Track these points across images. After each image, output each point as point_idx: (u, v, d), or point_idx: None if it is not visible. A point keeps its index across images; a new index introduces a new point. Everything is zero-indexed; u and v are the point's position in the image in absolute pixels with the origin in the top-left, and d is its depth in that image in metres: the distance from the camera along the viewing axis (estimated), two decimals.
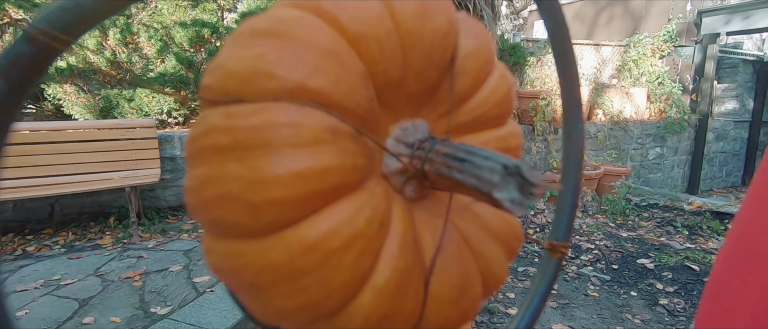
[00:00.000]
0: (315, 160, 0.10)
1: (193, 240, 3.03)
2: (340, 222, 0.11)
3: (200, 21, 4.02)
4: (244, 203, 0.11)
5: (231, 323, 1.94)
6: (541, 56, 5.56)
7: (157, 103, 3.74)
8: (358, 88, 0.11)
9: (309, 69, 0.11)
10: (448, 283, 0.13)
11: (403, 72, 0.11)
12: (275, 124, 0.11)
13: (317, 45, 0.11)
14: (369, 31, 0.12)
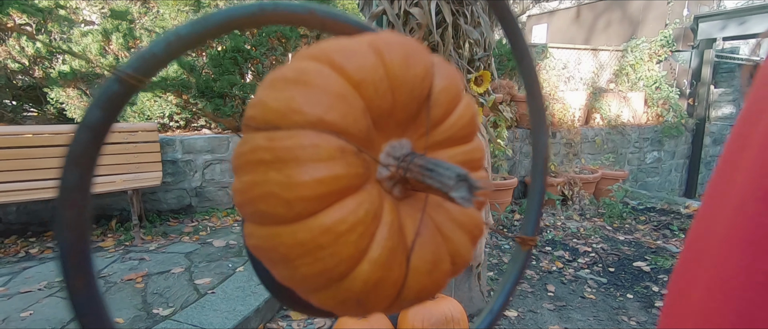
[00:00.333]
0: (329, 170, 0.14)
1: (194, 242, 3.06)
2: (347, 213, 0.15)
3: None
4: (281, 199, 0.15)
5: (232, 324, 1.97)
6: (539, 61, 5.62)
7: (158, 106, 3.78)
8: (359, 118, 0.15)
9: (325, 107, 0.15)
10: (423, 259, 0.17)
11: (392, 105, 0.15)
12: (302, 146, 0.15)
13: (330, 89, 0.15)
14: (367, 77, 0.16)
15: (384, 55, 0.17)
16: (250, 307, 2.11)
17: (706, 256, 0.30)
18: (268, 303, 2.23)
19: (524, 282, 2.91)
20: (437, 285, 0.18)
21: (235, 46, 3.92)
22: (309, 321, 2.28)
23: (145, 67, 0.24)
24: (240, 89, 3.97)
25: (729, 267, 0.28)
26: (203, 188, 3.75)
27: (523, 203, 4.59)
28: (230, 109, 3.92)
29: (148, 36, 3.95)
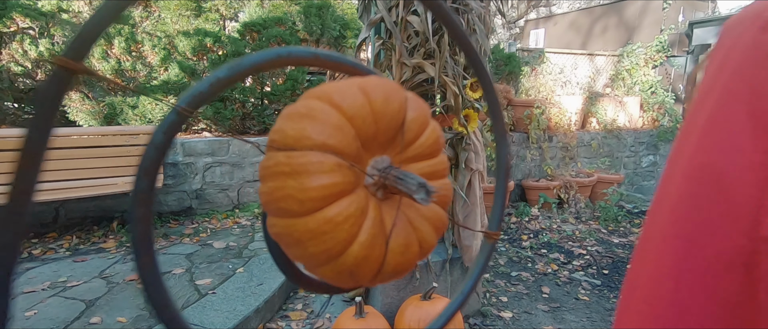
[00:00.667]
0: (330, 179, 0.19)
1: (194, 244, 3.11)
2: (342, 209, 0.20)
3: (203, 30, 4.12)
4: (296, 199, 0.20)
5: (233, 323, 2.01)
6: (536, 66, 5.68)
7: (160, 110, 3.83)
8: (351, 142, 0.20)
9: (327, 135, 0.20)
10: (398, 243, 0.22)
11: (375, 131, 0.20)
12: (311, 162, 0.20)
13: (331, 122, 0.20)
14: (357, 112, 0.21)
15: (370, 95, 0.22)
16: (250, 307, 2.15)
17: (649, 253, 0.34)
18: (267, 304, 2.28)
19: (519, 285, 2.96)
20: (409, 263, 0.23)
21: (236, 51, 3.97)
22: (307, 321, 2.32)
23: (194, 102, 0.31)
24: (240, 93, 4.02)
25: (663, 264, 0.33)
26: (203, 190, 3.79)
27: (520, 206, 4.64)
28: (230, 112, 3.97)
29: (150, 40, 4.00)
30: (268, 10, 4.55)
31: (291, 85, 4.19)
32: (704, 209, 0.29)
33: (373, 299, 2.33)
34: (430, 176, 0.25)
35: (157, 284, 0.33)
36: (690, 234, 0.30)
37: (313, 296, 2.58)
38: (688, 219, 0.30)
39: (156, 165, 0.31)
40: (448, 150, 2.32)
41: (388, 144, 0.22)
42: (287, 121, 0.22)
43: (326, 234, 0.21)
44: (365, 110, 0.21)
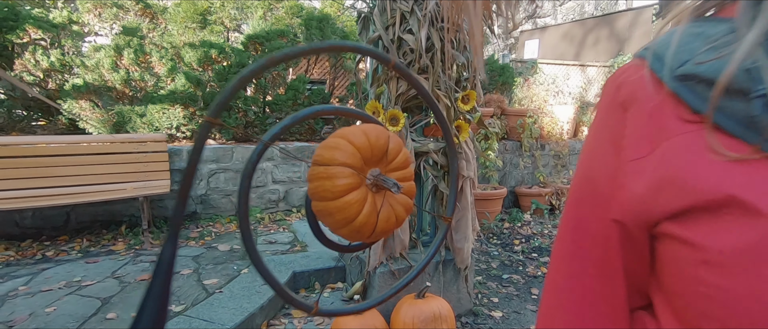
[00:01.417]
0: (347, 181, 0.33)
1: (200, 246, 3.25)
2: (353, 196, 0.35)
3: (208, 42, 4.30)
4: (330, 191, 0.34)
5: (239, 319, 2.15)
6: (529, 76, 5.87)
7: (167, 118, 3.98)
8: (359, 161, 0.34)
9: (345, 157, 0.34)
10: (384, 216, 0.36)
11: (371, 155, 0.34)
12: (338, 172, 0.34)
13: (347, 151, 0.34)
14: (362, 145, 0.35)
15: (369, 136, 0.37)
16: (255, 305, 2.30)
17: (557, 236, 0.50)
18: (271, 302, 2.42)
19: (510, 287, 3.11)
20: (391, 228, 0.38)
21: (240, 62, 4.14)
22: (309, 319, 2.46)
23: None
24: (243, 102, 4.19)
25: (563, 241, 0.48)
26: (208, 196, 3.94)
27: (513, 212, 4.80)
28: (234, 121, 4.13)
29: (157, 51, 4.17)
30: (270, 23, 4.73)
31: (292, 95, 4.36)
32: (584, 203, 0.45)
33: (371, 298, 2.47)
34: (401, 179, 0.39)
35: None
36: (577, 221, 0.46)
37: (313, 295, 2.72)
38: (576, 210, 0.46)
39: (251, 173, 0.45)
40: (441, 158, 2.48)
41: (378, 161, 0.36)
42: (324, 149, 0.36)
43: (345, 209, 0.35)
44: (366, 144, 0.35)
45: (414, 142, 2.36)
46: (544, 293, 0.51)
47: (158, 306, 0.40)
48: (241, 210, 0.41)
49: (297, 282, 2.79)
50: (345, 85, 5.65)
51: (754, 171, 0.30)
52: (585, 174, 0.45)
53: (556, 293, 0.48)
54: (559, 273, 0.49)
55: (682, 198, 0.33)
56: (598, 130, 0.45)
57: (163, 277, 0.39)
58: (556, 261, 0.49)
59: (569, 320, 0.45)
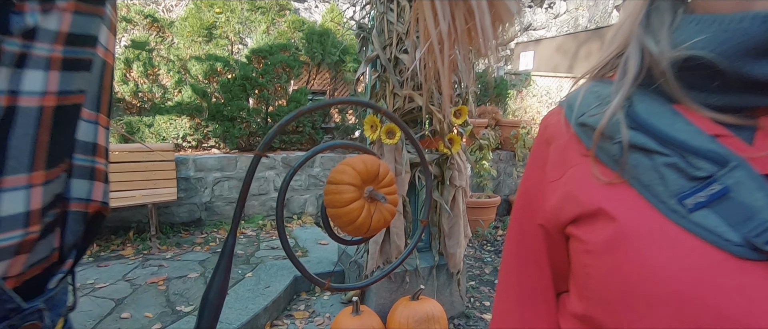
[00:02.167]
0: (351, 195, 0.47)
1: (205, 252, 3.39)
2: (354, 205, 0.49)
3: (213, 55, 4.48)
4: (339, 201, 0.49)
5: (245, 319, 2.30)
6: (522, 88, 6.07)
7: (174, 128, 4.15)
8: (359, 181, 0.48)
9: (350, 179, 0.48)
10: (376, 219, 0.51)
11: (367, 177, 0.49)
12: (344, 188, 0.48)
13: (350, 174, 0.49)
14: (361, 170, 0.50)
15: (366, 163, 0.52)
16: (259, 306, 2.45)
17: (504, 252, 0.66)
18: (274, 303, 2.57)
19: None
20: (381, 227, 0.53)
21: (244, 75, 4.32)
22: (309, 319, 2.61)
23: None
24: (248, 113, 4.36)
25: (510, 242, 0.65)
26: (212, 203, 4.09)
27: (506, 220, 4.96)
28: (238, 131, 4.30)
29: (165, 64, 4.35)
30: (273, 37, 4.92)
31: (294, 106, 4.53)
32: (523, 212, 0.61)
33: (368, 300, 2.63)
34: (388, 193, 0.54)
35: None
36: (519, 226, 0.62)
37: (314, 298, 2.87)
38: (519, 217, 0.62)
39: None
40: (435, 168, 2.65)
41: (372, 181, 0.51)
42: (335, 173, 0.51)
43: (349, 214, 0.50)
44: (364, 169, 0.50)
45: (409, 154, 2.53)
46: (498, 280, 0.67)
47: (224, 278, 0.54)
48: (279, 211, 0.56)
49: (298, 285, 2.94)
50: (345, 95, 5.83)
51: (615, 191, 0.47)
52: (524, 190, 0.62)
53: (507, 279, 0.64)
54: (508, 266, 0.64)
55: (576, 209, 0.49)
56: (533, 157, 0.62)
57: (227, 258, 0.53)
58: (506, 256, 0.65)
59: (518, 299, 0.61)
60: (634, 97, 0.48)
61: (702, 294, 0.37)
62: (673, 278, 0.39)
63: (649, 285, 0.40)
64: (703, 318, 0.37)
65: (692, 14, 0.45)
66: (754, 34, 0.38)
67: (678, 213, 0.40)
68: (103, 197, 0.42)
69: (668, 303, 0.39)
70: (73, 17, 0.33)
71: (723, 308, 0.36)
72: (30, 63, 0.30)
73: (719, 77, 0.41)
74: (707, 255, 0.38)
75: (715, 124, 0.42)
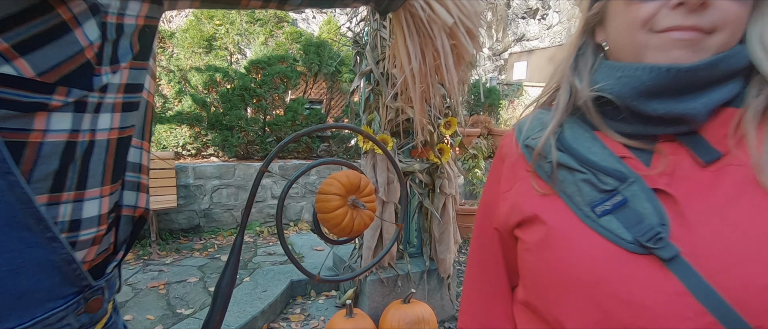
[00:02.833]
0: (336, 203, 0.58)
1: (204, 257, 3.49)
2: (339, 211, 0.60)
3: (213, 66, 4.61)
4: (326, 208, 0.59)
5: (243, 321, 2.40)
6: (514, 98, 6.23)
7: (174, 137, 4.26)
8: (343, 192, 0.59)
9: (336, 190, 0.59)
10: (357, 223, 0.63)
11: (350, 188, 0.59)
12: (331, 197, 0.59)
13: (336, 186, 0.60)
14: (345, 183, 0.61)
15: (349, 177, 0.63)
16: (257, 309, 2.54)
17: (469, 252, 0.78)
18: (271, 307, 2.67)
19: None
20: (361, 230, 0.64)
21: (243, 85, 4.45)
22: (305, 322, 2.71)
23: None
24: (246, 123, 4.48)
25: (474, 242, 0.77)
26: (210, 210, 4.19)
27: None
28: (237, 140, 4.41)
29: (166, 75, 4.47)
30: (272, 48, 5.05)
31: (291, 116, 4.66)
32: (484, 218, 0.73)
33: (362, 303, 2.73)
34: (367, 201, 0.65)
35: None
36: (480, 230, 0.74)
37: (309, 302, 2.97)
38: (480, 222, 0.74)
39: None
40: (426, 177, 2.77)
41: (354, 191, 0.62)
42: (325, 185, 0.62)
43: (335, 218, 0.61)
44: (348, 182, 0.61)
45: (401, 163, 2.65)
46: (465, 275, 0.79)
47: (233, 271, 0.65)
48: (279, 215, 0.67)
49: (294, 290, 3.04)
50: (341, 104, 5.97)
51: (547, 201, 0.58)
52: (484, 200, 0.74)
53: (472, 274, 0.75)
54: (473, 263, 0.76)
55: (519, 215, 0.61)
56: (491, 172, 0.74)
57: (236, 254, 0.64)
58: (471, 254, 0.77)
59: (479, 295, 0.72)
60: (566, 124, 0.60)
61: (602, 279, 0.49)
62: (583, 268, 0.51)
63: (567, 274, 0.52)
64: (602, 297, 0.49)
65: (607, 60, 0.58)
66: (645, 80, 0.50)
67: (590, 218, 0.52)
68: (145, 204, 0.54)
69: (579, 287, 0.51)
70: (129, 72, 0.45)
71: (616, 289, 0.48)
72: (103, 108, 0.42)
73: (623, 112, 0.53)
74: (608, 251, 0.50)
75: (624, 148, 0.54)
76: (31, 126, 0.36)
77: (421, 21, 0.67)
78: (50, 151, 0.38)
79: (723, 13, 0.47)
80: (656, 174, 0.51)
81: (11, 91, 0.35)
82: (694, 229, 0.47)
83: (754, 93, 0.50)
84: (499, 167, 0.71)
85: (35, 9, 0.35)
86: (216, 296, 0.63)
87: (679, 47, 0.48)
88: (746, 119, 0.49)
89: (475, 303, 0.75)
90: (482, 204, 0.75)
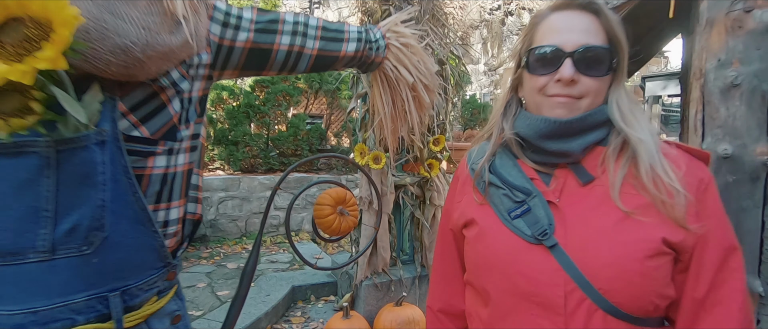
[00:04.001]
0: (329, 212, 0.80)
1: (211, 265, 3.72)
2: (331, 218, 0.83)
3: (219, 85, 4.90)
4: (322, 213, 0.82)
5: (248, 322, 2.62)
6: None
7: None
8: (334, 203, 0.82)
9: (329, 202, 0.83)
10: (344, 227, 0.86)
11: (338, 201, 0.82)
12: (325, 209, 0.82)
13: (329, 200, 0.83)
14: (335, 197, 0.84)
15: (337, 193, 0.86)
16: (261, 310, 2.77)
17: (435, 249, 1.02)
18: (274, 309, 2.90)
19: None
20: (347, 230, 0.87)
21: (248, 103, 4.73)
22: (305, 324, 2.93)
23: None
24: (251, 138, 4.75)
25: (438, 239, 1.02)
26: (216, 221, 4.43)
27: None
28: (242, 154, 4.68)
29: None
30: None
31: (293, 132, 4.93)
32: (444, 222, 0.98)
33: (358, 306, 2.96)
34: (351, 211, 0.88)
35: None
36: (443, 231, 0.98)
37: (309, 306, 3.19)
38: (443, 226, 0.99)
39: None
40: (417, 189, 3.02)
41: (341, 203, 0.85)
42: (319, 198, 0.85)
43: (327, 222, 0.83)
44: (337, 197, 0.84)
45: (394, 177, 2.90)
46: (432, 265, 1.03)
47: (255, 259, 0.88)
48: (287, 219, 0.91)
49: (296, 294, 3.27)
50: (340, 119, 6.25)
51: (482, 208, 0.83)
52: (445, 208, 0.98)
53: (436, 265, 0.99)
54: (436, 256, 1.00)
55: (464, 219, 0.86)
56: (450, 187, 0.98)
57: (257, 247, 0.87)
58: (435, 250, 1.01)
59: (442, 279, 0.96)
60: (498, 153, 0.85)
61: (512, 260, 0.73)
62: (501, 254, 0.75)
63: (491, 258, 0.77)
64: (511, 272, 0.73)
65: (524, 111, 0.83)
66: (541, 127, 0.75)
67: (507, 220, 0.77)
68: (200, 212, 0.78)
69: (498, 266, 0.75)
70: (194, 126, 0.70)
71: (519, 267, 0.72)
72: (180, 151, 0.67)
73: (532, 147, 0.78)
74: (517, 242, 0.74)
75: (534, 171, 0.79)
76: (146, 164, 0.62)
77: (391, 79, 0.92)
78: (155, 179, 0.63)
79: (587, 86, 0.73)
80: (551, 191, 0.76)
81: (137, 145, 0.60)
82: (568, 228, 0.72)
83: (613, 136, 0.75)
84: (455, 184, 0.96)
85: (149, 96, 0.61)
86: (243, 275, 0.88)
87: (560, 107, 0.74)
88: (607, 154, 0.74)
89: (438, 287, 0.98)
90: (443, 211, 1.00)
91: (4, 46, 0.41)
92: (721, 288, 0.68)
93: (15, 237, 0.52)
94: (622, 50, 0.75)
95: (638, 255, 0.66)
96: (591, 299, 0.67)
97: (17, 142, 0.49)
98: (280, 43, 0.77)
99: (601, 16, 0.75)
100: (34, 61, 0.40)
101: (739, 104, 1.14)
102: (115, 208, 0.57)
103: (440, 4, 3.06)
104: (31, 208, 0.52)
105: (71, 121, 0.50)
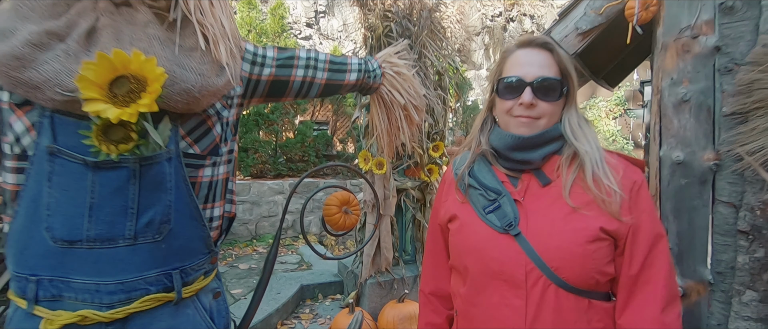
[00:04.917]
0: (336, 211, 0.99)
1: (223, 265, 3.92)
2: (337, 216, 1.01)
3: None
4: (330, 212, 1.00)
5: (261, 318, 2.81)
6: None
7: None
8: (339, 204, 1.01)
9: (335, 203, 1.01)
10: (347, 223, 1.04)
11: (342, 202, 1.00)
12: (333, 209, 1.00)
13: (336, 201, 1.01)
14: (340, 199, 1.02)
15: (343, 195, 1.03)
16: (272, 308, 2.96)
17: (426, 242, 1.21)
18: (284, 306, 3.09)
19: None
20: (351, 226, 1.04)
21: (257, 111, 4.95)
22: (313, 320, 3.12)
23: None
24: (260, 145, 4.97)
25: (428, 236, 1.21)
26: None
27: None
28: (252, 160, 4.89)
29: None
30: None
31: (301, 138, 5.14)
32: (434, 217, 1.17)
33: (362, 303, 3.14)
34: (353, 210, 1.05)
35: None
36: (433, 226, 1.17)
37: (317, 304, 3.38)
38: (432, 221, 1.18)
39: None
40: (417, 193, 3.20)
41: (346, 203, 1.02)
42: (328, 200, 1.03)
43: (334, 220, 1.01)
44: (342, 198, 1.01)
45: (396, 181, 3.09)
46: (424, 255, 1.21)
47: (276, 250, 1.07)
48: (301, 227, 1.09)
49: (304, 293, 3.45)
50: (346, 126, 6.45)
51: (463, 206, 1.01)
52: (434, 207, 1.16)
53: (426, 254, 1.17)
54: (427, 247, 1.18)
55: (448, 215, 1.04)
56: (439, 189, 1.17)
57: (277, 240, 1.06)
58: (426, 242, 1.20)
59: (432, 266, 1.14)
60: (477, 160, 1.03)
61: (485, 246, 0.91)
62: (476, 242, 0.93)
63: (469, 245, 0.95)
64: (484, 256, 0.91)
65: (497, 127, 1.01)
66: (509, 142, 0.94)
67: (482, 215, 0.95)
68: (235, 210, 0.98)
69: (474, 251, 0.93)
70: (231, 143, 0.90)
71: (491, 252, 0.90)
72: (221, 163, 0.86)
73: (503, 157, 0.96)
74: (488, 232, 0.92)
75: (505, 176, 0.97)
76: (197, 174, 0.81)
77: (386, 100, 1.12)
78: (204, 185, 0.82)
79: (543, 109, 0.91)
80: (517, 191, 0.94)
81: (192, 160, 0.79)
82: (529, 220, 0.90)
83: (566, 148, 0.93)
84: (442, 186, 1.14)
85: (200, 123, 0.81)
86: (266, 263, 1.06)
87: (523, 126, 0.92)
88: (561, 162, 0.93)
89: (429, 272, 1.15)
90: (433, 209, 1.17)
91: (116, 95, 0.60)
92: (651, 267, 0.86)
93: (110, 228, 0.72)
94: (571, 80, 0.94)
95: (581, 240, 0.84)
96: (546, 275, 0.85)
97: (117, 160, 0.68)
98: (296, 75, 0.97)
99: (555, 53, 0.94)
100: (138, 107, 0.59)
101: (689, 117, 1.33)
102: (178, 207, 0.76)
103: (438, 18, 3.26)
104: (122, 207, 0.71)
105: (151, 144, 0.70)
